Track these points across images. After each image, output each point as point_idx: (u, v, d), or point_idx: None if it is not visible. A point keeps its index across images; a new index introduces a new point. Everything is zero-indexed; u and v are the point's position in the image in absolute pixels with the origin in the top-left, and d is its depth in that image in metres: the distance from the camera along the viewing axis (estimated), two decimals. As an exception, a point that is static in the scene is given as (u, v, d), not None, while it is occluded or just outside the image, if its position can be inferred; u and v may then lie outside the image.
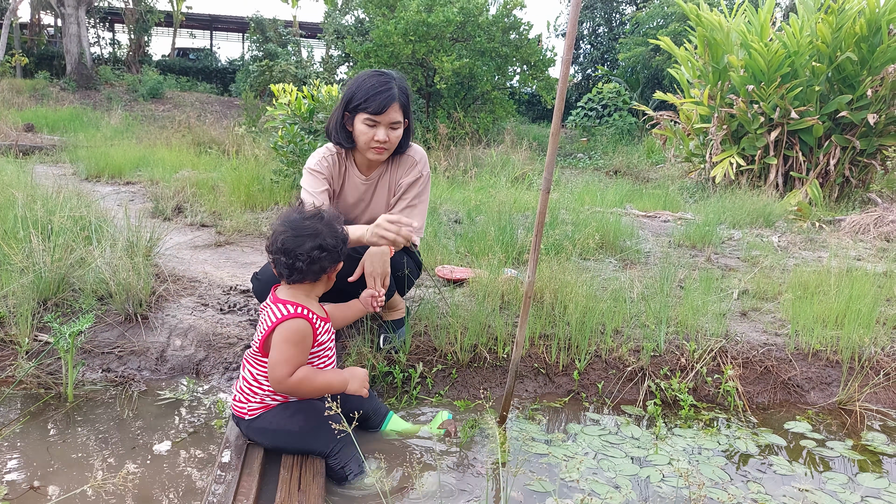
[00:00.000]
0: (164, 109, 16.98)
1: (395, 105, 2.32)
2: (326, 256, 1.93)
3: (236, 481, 1.81)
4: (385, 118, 2.32)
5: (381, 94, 2.30)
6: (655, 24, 17.97)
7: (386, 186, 2.57)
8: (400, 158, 2.55)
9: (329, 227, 1.96)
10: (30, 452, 1.98)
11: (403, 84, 2.37)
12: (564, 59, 1.86)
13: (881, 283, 3.54)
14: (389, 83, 2.32)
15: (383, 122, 2.33)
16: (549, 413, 2.49)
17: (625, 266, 4.07)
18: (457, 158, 8.97)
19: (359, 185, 2.55)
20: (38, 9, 24.79)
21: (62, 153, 7.93)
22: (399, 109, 2.34)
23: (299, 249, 1.90)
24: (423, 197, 2.57)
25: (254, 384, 1.98)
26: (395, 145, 2.42)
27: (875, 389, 2.71)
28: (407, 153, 2.55)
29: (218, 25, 31.90)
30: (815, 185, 7.07)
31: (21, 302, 2.56)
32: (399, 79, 2.37)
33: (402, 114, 2.37)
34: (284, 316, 1.91)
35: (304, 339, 1.91)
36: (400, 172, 2.55)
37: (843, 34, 7.00)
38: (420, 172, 2.54)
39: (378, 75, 2.35)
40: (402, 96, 2.34)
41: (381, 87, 2.31)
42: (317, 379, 1.93)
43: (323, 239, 1.92)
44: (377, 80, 2.33)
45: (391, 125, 2.35)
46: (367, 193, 2.57)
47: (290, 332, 1.89)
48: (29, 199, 3.37)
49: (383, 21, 12.01)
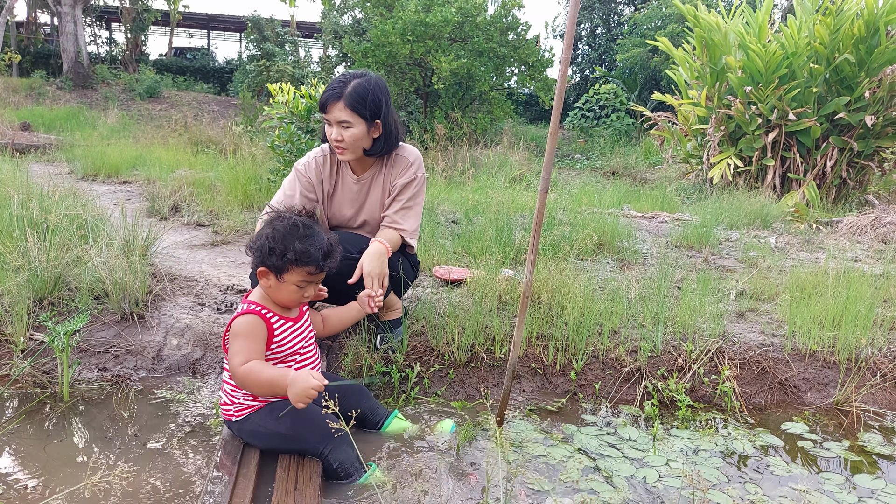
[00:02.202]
0: (161, 109, 16.94)
1: (337, 104, 2.28)
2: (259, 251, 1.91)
3: (233, 481, 1.80)
4: (330, 116, 2.32)
5: (326, 92, 2.31)
6: (653, 25, 17.99)
7: (380, 187, 2.55)
8: (393, 159, 2.53)
9: (289, 232, 1.90)
10: (25, 451, 1.97)
11: (365, 86, 2.30)
12: (563, 59, 1.86)
13: (878, 285, 3.55)
14: (342, 81, 2.30)
15: (331, 120, 2.32)
16: (547, 413, 2.49)
17: (622, 267, 4.07)
18: (454, 159, 8.97)
19: (352, 184, 2.54)
20: (34, 7, 24.73)
21: (58, 152, 7.91)
22: (344, 108, 2.28)
23: (261, 230, 1.94)
24: (418, 199, 2.55)
25: (229, 385, 1.99)
26: (355, 145, 2.36)
27: (872, 390, 2.71)
28: (400, 154, 2.53)
29: (215, 25, 31.86)
30: (812, 186, 7.08)
31: (17, 301, 2.55)
32: (362, 80, 2.31)
33: (353, 113, 2.30)
34: (238, 313, 1.94)
35: (253, 332, 1.90)
36: (394, 173, 2.53)
37: (841, 35, 7.01)
38: (414, 174, 2.52)
39: (343, 75, 2.34)
40: (351, 96, 2.28)
41: (331, 85, 2.31)
42: (262, 373, 1.85)
43: (274, 236, 1.90)
44: (334, 79, 2.33)
45: (339, 124, 2.31)
46: (360, 193, 2.56)
47: (240, 326, 1.91)
48: (25, 198, 3.36)
49: (381, 21, 12.00)
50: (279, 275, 1.91)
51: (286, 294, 1.94)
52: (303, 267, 1.90)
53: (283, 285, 1.92)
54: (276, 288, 1.94)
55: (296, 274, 1.91)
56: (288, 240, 1.89)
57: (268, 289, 1.96)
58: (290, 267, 1.89)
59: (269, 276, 1.92)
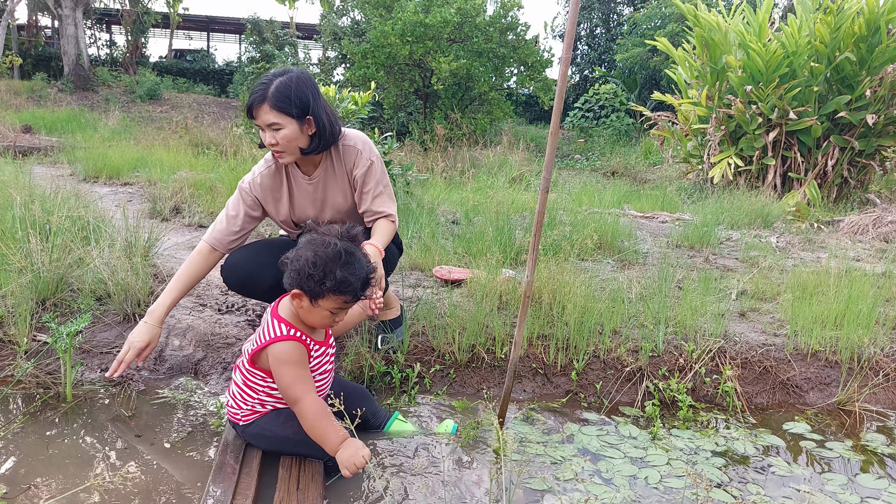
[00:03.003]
0: (162, 110, 16.96)
1: (262, 107, 2.19)
2: (298, 273, 1.84)
3: (235, 481, 1.80)
4: (259, 121, 2.22)
5: (250, 97, 2.23)
6: (653, 24, 17.99)
7: (336, 181, 2.47)
8: (340, 150, 2.43)
9: (332, 259, 1.82)
10: (29, 451, 1.98)
11: (287, 83, 2.21)
12: (564, 58, 1.86)
13: (880, 284, 3.54)
14: (264, 83, 2.22)
15: (261, 124, 2.24)
16: (548, 413, 2.49)
17: (623, 267, 4.07)
18: (454, 159, 8.97)
19: (306, 186, 2.46)
20: (35, 10, 24.76)
21: (60, 154, 7.91)
22: (270, 110, 2.19)
23: (301, 251, 1.86)
24: (384, 180, 2.48)
25: (245, 391, 1.97)
26: (291, 146, 2.26)
27: (874, 390, 2.71)
28: (346, 143, 2.43)
29: (215, 27, 31.90)
30: (813, 185, 7.08)
31: (19, 302, 2.56)
32: (284, 79, 2.22)
33: (281, 114, 2.20)
34: (278, 336, 1.89)
35: (303, 359, 1.90)
36: (347, 163, 2.44)
37: (841, 34, 7.01)
38: (368, 160, 2.43)
39: (265, 77, 2.26)
40: (275, 96, 2.18)
41: (254, 89, 2.23)
42: (324, 420, 1.85)
43: (315, 261, 1.82)
44: (257, 83, 2.25)
45: (269, 127, 2.22)
46: (318, 192, 2.48)
47: (290, 353, 1.87)
48: (27, 200, 3.36)
49: (380, 22, 12.02)
50: (314, 299, 1.86)
51: (317, 318, 1.91)
52: (340, 296, 1.85)
53: (316, 309, 1.88)
54: (309, 311, 1.89)
55: (331, 301, 1.86)
56: (329, 267, 1.82)
57: (300, 309, 1.91)
58: (327, 294, 1.84)
59: (303, 298, 1.87)
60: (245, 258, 2.42)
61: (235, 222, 2.40)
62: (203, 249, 2.38)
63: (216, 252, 2.39)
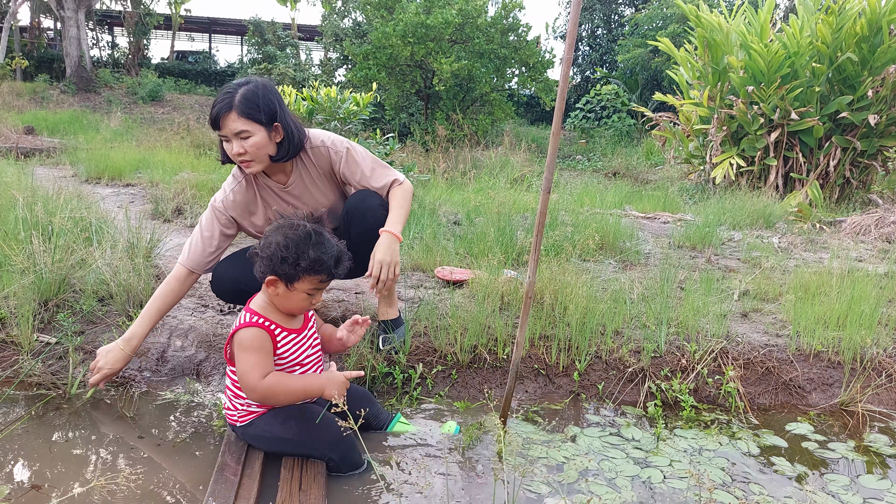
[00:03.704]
0: (164, 112, 16.98)
1: (230, 115, 2.14)
2: (270, 259, 1.84)
3: (237, 482, 1.80)
4: (226, 130, 2.17)
5: (215, 106, 2.18)
6: (654, 25, 17.99)
7: (315, 182, 2.45)
8: (307, 154, 2.40)
9: (302, 240, 1.83)
10: (32, 452, 1.98)
11: (254, 90, 2.18)
12: (565, 59, 1.86)
13: (883, 285, 3.54)
14: (229, 93, 2.17)
15: (228, 134, 2.18)
16: (550, 414, 2.49)
17: (625, 267, 4.07)
18: (455, 160, 8.98)
19: (284, 195, 2.45)
20: (37, 12, 24.82)
21: (62, 155, 7.93)
22: (238, 118, 2.15)
23: (270, 238, 1.86)
24: (368, 156, 2.45)
25: (235, 392, 1.98)
26: (260, 154, 2.23)
27: (877, 391, 2.71)
28: (311, 146, 2.39)
29: (216, 28, 31.95)
30: (815, 186, 7.07)
31: (22, 303, 2.56)
32: (250, 87, 2.19)
33: (249, 121, 2.16)
34: (240, 325, 1.89)
35: (263, 345, 1.87)
36: (322, 164, 2.42)
37: (843, 34, 7.00)
38: (343, 150, 2.40)
39: (227, 86, 2.22)
40: (242, 104, 2.15)
41: (219, 99, 2.19)
42: (291, 383, 1.87)
43: (287, 244, 1.82)
44: (220, 93, 2.21)
45: (237, 136, 2.18)
46: (300, 199, 2.46)
47: (248, 339, 1.86)
48: (29, 201, 3.37)
49: (382, 23, 12.03)
50: (290, 283, 1.86)
51: (295, 302, 1.91)
52: (315, 275, 1.86)
53: (293, 293, 1.89)
54: (286, 296, 1.90)
55: (307, 282, 1.87)
56: (301, 248, 1.83)
57: (275, 297, 1.91)
58: (302, 275, 1.85)
59: (278, 284, 1.88)
60: (232, 265, 2.43)
61: (211, 243, 2.38)
62: (180, 274, 2.34)
63: (193, 274, 2.37)
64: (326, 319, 2.96)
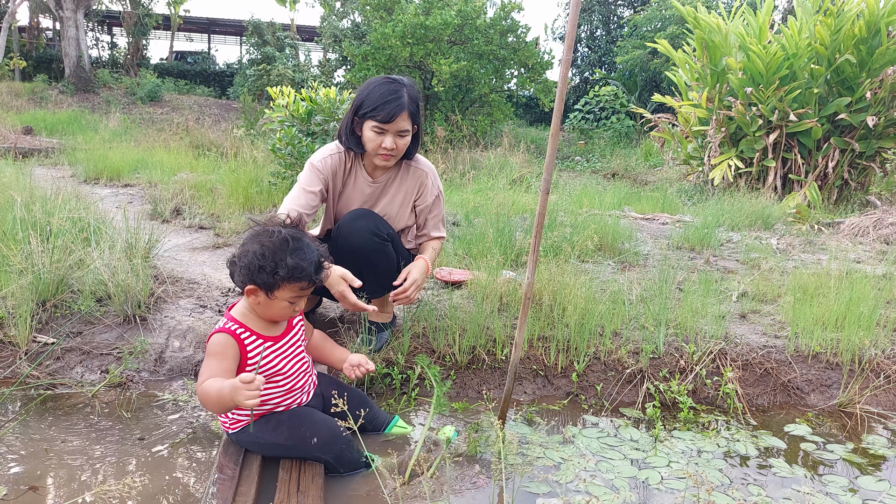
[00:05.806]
0: (163, 112, 16.96)
1: (403, 114, 2.34)
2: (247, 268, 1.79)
3: (235, 483, 1.80)
4: (393, 126, 2.35)
5: (389, 103, 2.32)
6: (653, 27, 17.99)
7: (392, 192, 2.60)
8: (408, 166, 2.60)
9: (279, 248, 1.78)
10: (29, 453, 1.97)
11: (413, 91, 2.40)
12: (564, 60, 1.86)
13: (881, 286, 3.54)
14: (399, 91, 2.35)
15: (391, 130, 2.36)
16: (548, 415, 2.48)
17: (623, 268, 4.07)
18: (454, 161, 8.97)
19: (365, 187, 2.58)
20: (36, 12, 24.78)
21: (61, 155, 7.92)
22: (408, 118, 2.37)
23: (246, 246, 1.82)
24: (443, 208, 2.73)
25: None
26: (403, 152, 2.46)
27: (875, 392, 2.71)
28: (416, 165, 2.60)
29: (215, 29, 31.91)
30: (813, 187, 7.08)
31: (20, 303, 2.56)
32: (409, 86, 2.39)
33: (411, 121, 2.39)
34: (213, 331, 1.88)
35: (222, 351, 1.82)
36: (413, 183, 2.60)
37: (841, 36, 7.01)
38: (437, 189, 2.66)
39: (389, 83, 2.37)
40: (411, 105, 2.37)
41: (390, 95, 2.33)
42: (210, 388, 1.72)
43: (263, 252, 1.77)
44: (387, 89, 2.35)
45: (399, 133, 2.38)
46: (373, 196, 2.60)
47: (211, 345, 1.84)
48: (28, 201, 3.36)
49: (381, 24, 12.03)
50: (270, 292, 1.81)
51: (276, 310, 1.86)
52: (295, 283, 1.80)
53: (274, 302, 1.83)
54: (267, 305, 1.84)
55: (287, 290, 1.81)
56: (278, 255, 1.77)
57: (256, 306, 1.86)
58: (281, 284, 1.79)
59: (258, 293, 1.82)
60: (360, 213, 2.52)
61: (315, 197, 2.48)
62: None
63: None
64: (325, 320, 2.96)
